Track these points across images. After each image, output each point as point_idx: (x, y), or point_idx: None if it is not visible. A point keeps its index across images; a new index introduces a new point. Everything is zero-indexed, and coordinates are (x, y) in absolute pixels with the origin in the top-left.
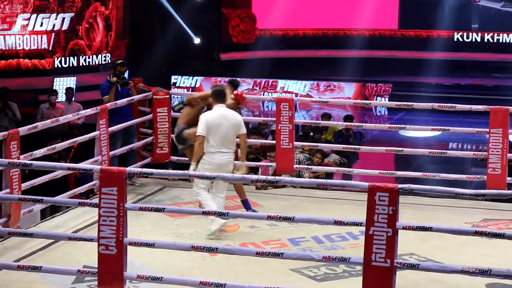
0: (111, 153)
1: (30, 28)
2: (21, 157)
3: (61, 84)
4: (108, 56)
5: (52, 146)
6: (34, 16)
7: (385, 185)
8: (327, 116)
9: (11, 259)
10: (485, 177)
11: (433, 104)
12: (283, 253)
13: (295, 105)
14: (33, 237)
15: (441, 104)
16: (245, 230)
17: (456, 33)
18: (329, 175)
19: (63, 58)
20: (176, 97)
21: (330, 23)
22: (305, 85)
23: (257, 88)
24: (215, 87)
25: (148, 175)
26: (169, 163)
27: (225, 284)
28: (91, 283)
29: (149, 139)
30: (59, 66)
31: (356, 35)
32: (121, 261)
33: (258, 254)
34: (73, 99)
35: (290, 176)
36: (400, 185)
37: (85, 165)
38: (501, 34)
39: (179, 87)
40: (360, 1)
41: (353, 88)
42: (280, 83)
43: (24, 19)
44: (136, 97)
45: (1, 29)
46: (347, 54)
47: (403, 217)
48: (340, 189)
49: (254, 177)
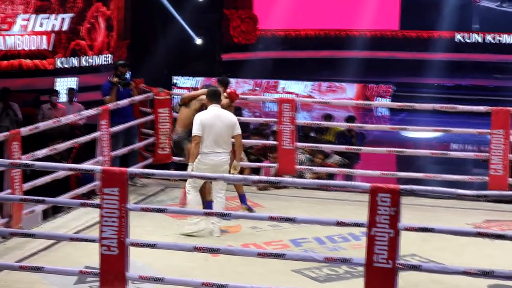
0: (113, 153)
1: (30, 29)
2: (23, 157)
3: (63, 84)
4: (110, 57)
5: (53, 147)
6: (34, 16)
7: (387, 186)
8: (328, 117)
9: (13, 260)
10: (487, 178)
11: (434, 105)
12: (285, 254)
13: (297, 105)
14: (35, 238)
15: (443, 105)
16: (247, 231)
17: (457, 33)
18: (331, 176)
19: (64, 59)
20: (177, 98)
21: (332, 24)
22: (306, 85)
23: (258, 89)
24: (210, 87)
25: (149, 176)
26: (170, 163)
27: (227, 285)
28: (93, 284)
29: (151, 139)
30: (61, 66)
31: (357, 36)
32: (123, 261)
33: (260, 255)
34: (75, 99)
35: (291, 177)
36: (402, 186)
37: (86, 165)
38: (502, 35)
39: (180, 87)
40: (361, 2)
41: (354, 88)
42: (281, 83)
43: (23, 19)
44: (137, 97)
45: (1, 30)
46: (348, 55)
47: (404, 218)
48: (342, 190)
49: (256, 177)
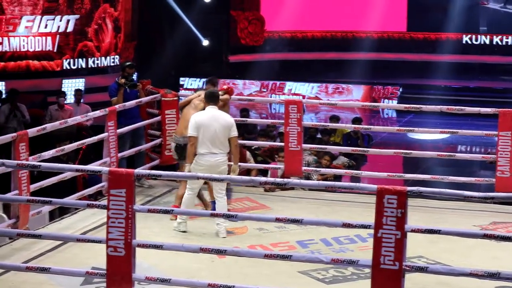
0: (120, 155)
1: (34, 30)
2: (30, 158)
3: (70, 85)
4: (117, 58)
5: (60, 148)
6: (39, 17)
7: (394, 188)
8: (335, 119)
9: (19, 261)
10: (494, 180)
11: (441, 106)
12: (291, 256)
13: (303, 107)
14: (41, 239)
15: (450, 107)
16: (254, 232)
17: (464, 35)
18: (338, 178)
19: (71, 60)
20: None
21: (339, 25)
22: (313, 87)
23: (265, 90)
24: (208, 90)
25: (156, 177)
26: (177, 165)
27: (234, 286)
28: (99, 285)
29: (158, 141)
30: (68, 67)
31: (364, 38)
32: (129, 262)
33: (266, 256)
34: (82, 100)
35: (298, 178)
36: (409, 188)
37: (93, 166)
38: (509, 37)
39: (186, 89)
40: (368, 3)
41: (361, 90)
42: (288, 85)
43: (28, 20)
44: (144, 99)
45: (6, 31)
46: (355, 57)
47: (411, 219)
48: (349, 191)
49: (263, 179)
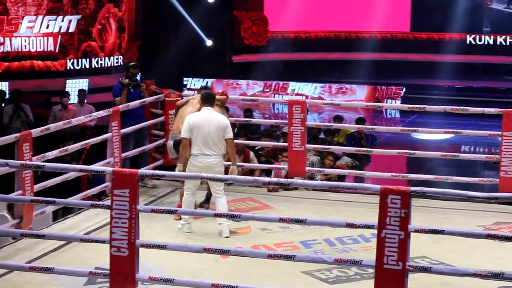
0: (123, 155)
1: (36, 30)
2: (34, 158)
3: (74, 86)
4: (121, 58)
5: (64, 148)
6: (40, 18)
7: (397, 188)
8: (339, 119)
9: (23, 261)
10: (498, 180)
11: (445, 107)
12: (295, 256)
13: (307, 107)
14: (45, 239)
15: (454, 107)
16: (257, 232)
17: (468, 35)
18: (341, 178)
19: (75, 60)
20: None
21: (342, 26)
22: (316, 87)
23: (268, 90)
24: (204, 91)
25: (160, 177)
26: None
27: (237, 286)
28: (103, 285)
29: (161, 141)
30: (72, 68)
31: (368, 38)
32: (133, 263)
33: (270, 256)
34: (85, 101)
35: (302, 178)
36: (412, 188)
37: (97, 167)
38: None
39: (189, 89)
40: (372, 3)
41: (365, 90)
42: (291, 85)
43: (30, 21)
44: (148, 99)
45: (7, 31)
46: (359, 57)
47: (415, 220)
48: (352, 191)
49: (266, 179)
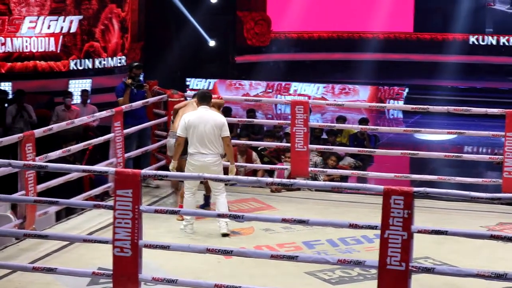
0: (126, 155)
1: (37, 31)
2: (37, 159)
3: (76, 86)
4: (124, 59)
5: (67, 148)
6: (42, 18)
7: (400, 189)
8: (342, 119)
9: (26, 261)
10: (501, 180)
11: (448, 107)
12: (297, 256)
13: (310, 108)
14: (48, 239)
15: (457, 108)
16: (260, 233)
17: (471, 36)
18: (344, 178)
19: (78, 61)
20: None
21: (345, 26)
22: (318, 87)
23: (270, 91)
24: (200, 90)
25: (163, 178)
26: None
27: (240, 286)
28: (106, 285)
29: (164, 141)
30: (75, 68)
31: (371, 38)
32: (136, 263)
33: (272, 257)
34: (88, 101)
35: (305, 179)
36: (415, 189)
37: (100, 167)
38: None
39: (192, 89)
40: (375, 4)
41: (368, 91)
42: (293, 85)
43: (31, 21)
44: (151, 99)
45: (8, 31)
46: (362, 57)
47: (418, 220)
48: (355, 192)
49: (269, 179)
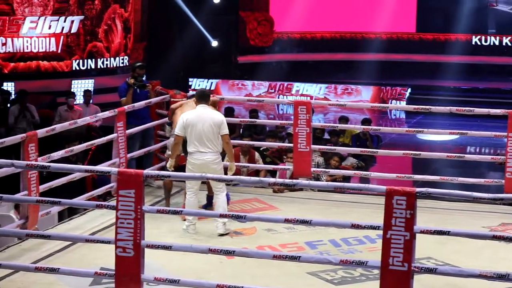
0: (129, 155)
1: (38, 31)
2: (39, 159)
3: (79, 86)
4: (126, 59)
5: (70, 148)
6: (42, 18)
7: (403, 189)
8: (344, 119)
9: (29, 261)
10: (503, 181)
11: (451, 107)
12: (300, 256)
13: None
14: (50, 239)
15: (459, 108)
16: (262, 233)
17: (474, 36)
18: (347, 179)
19: (81, 61)
20: None
21: (348, 26)
22: (320, 88)
23: (272, 91)
24: (199, 89)
25: (165, 178)
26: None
27: (242, 287)
28: (108, 285)
29: (167, 141)
30: (77, 68)
31: (373, 38)
32: (138, 263)
33: (275, 257)
34: (91, 101)
35: (307, 179)
36: (418, 189)
37: (102, 167)
38: None
39: (194, 89)
40: (378, 4)
41: (370, 91)
42: (295, 86)
43: (32, 21)
44: (153, 99)
45: (10, 32)
46: (364, 57)
47: (420, 221)
48: (358, 192)
49: (272, 180)
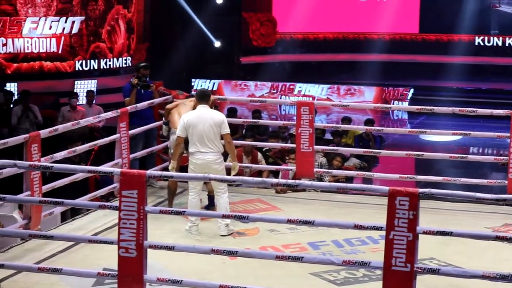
0: (132, 156)
1: (38, 31)
2: (42, 159)
3: (82, 87)
4: (129, 59)
5: (72, 149)
6: (43, 19)
7: (406, 190)
8: (347, 120)
9: (31, 261)
10: (506, 182)
11: (453, 108)
12: (303, 257)
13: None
14: (53, 240)
15: (462, 109)
16: (265, 234)
17: (477, 37)
18: (349, 179)
19: (84, 61)
20: None
21: (351, 27)
22: (323, 88)
23: (275, 92)
24: (199, 89)
25: (168, 178)
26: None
27: (245, 287)
28: (111, 286)
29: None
30: (80, 69)
31: (376, 39)
32: (141, 264)
33: (278, 257)
34: (94, 102)
35: (310, 180)
36: (421, 190)
37: (105, 168)
38: None
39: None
40: (381, 5)
41: (373, 92)
42: (298, 86)
43: (32, 22)
44: (156, 100)
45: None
46: (367, 58)
47: (423, 221)
48: (360, 193)
49: (274, 180)
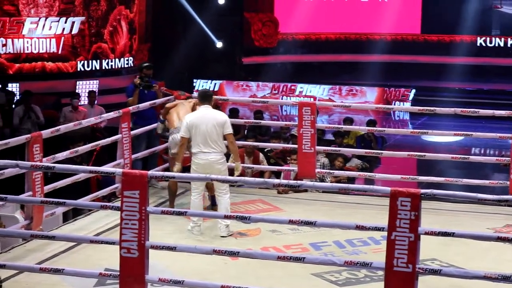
0: (134, 156)
1: (38, 32)
2: (44, 160)
3: (84, 87)
4: (131, 60)
5: (74, 149)
6: (43, 19)
7: (407, 190)
8: (349, 121)
9: (33, 262)
10: (508, 182)
11: (455, 109)
12: (304, 258)
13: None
14: (55, 240)
15: (464, 109)
16: (267, 234)
17: (479, 38)
18: (351, 180)
19: (85, 62)
20: None
21: (353, 28)
22: (324, 89)
23: (276, 92)
24: (201, 89)
25: (170, 179)
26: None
27: None
28: (112, 286)
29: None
30: (82, 69)
31: (378, 40)
32: (142, 264)
33: (279, 258)
34: (96, 102)
35: (312, 180)
36: (423, 190)
37: (107, 168)
38: None
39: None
40: (382, 5)
41: (375, 92)
42: (299, 87)
43: (32, 22)
44: (158, 100)
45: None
46: (369, 59)
47: (425, 222)
48: (362, 194)
49: (276, 181)
